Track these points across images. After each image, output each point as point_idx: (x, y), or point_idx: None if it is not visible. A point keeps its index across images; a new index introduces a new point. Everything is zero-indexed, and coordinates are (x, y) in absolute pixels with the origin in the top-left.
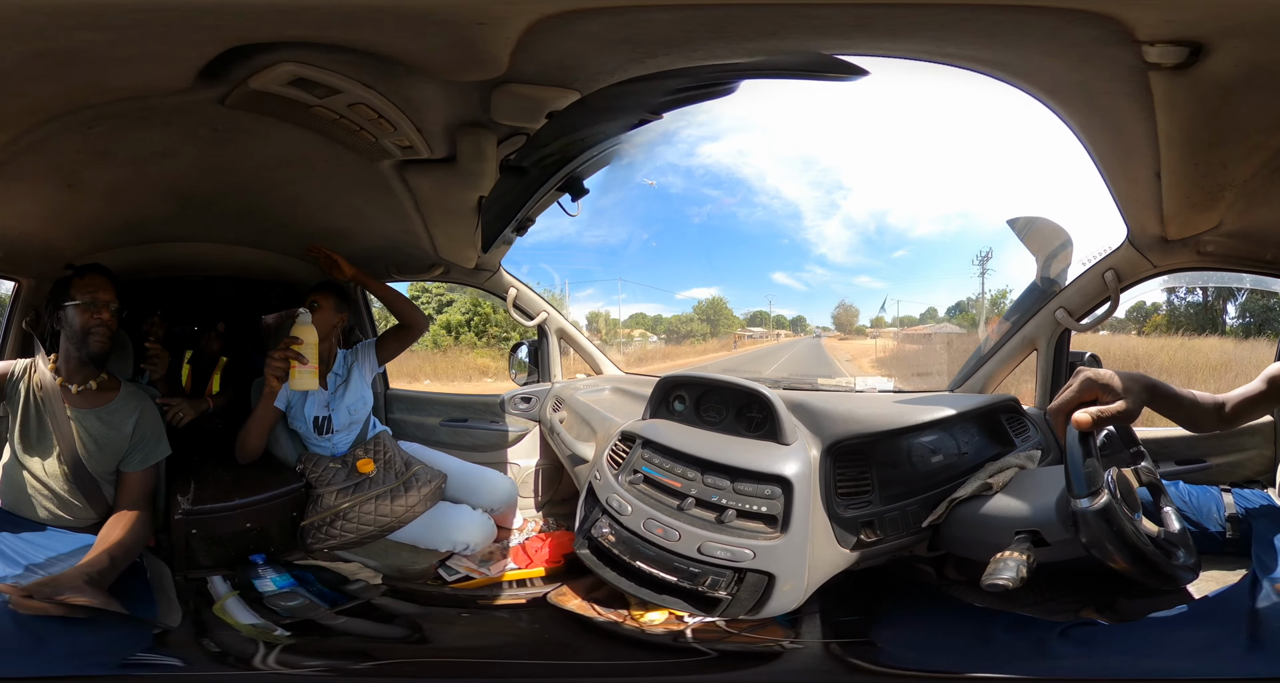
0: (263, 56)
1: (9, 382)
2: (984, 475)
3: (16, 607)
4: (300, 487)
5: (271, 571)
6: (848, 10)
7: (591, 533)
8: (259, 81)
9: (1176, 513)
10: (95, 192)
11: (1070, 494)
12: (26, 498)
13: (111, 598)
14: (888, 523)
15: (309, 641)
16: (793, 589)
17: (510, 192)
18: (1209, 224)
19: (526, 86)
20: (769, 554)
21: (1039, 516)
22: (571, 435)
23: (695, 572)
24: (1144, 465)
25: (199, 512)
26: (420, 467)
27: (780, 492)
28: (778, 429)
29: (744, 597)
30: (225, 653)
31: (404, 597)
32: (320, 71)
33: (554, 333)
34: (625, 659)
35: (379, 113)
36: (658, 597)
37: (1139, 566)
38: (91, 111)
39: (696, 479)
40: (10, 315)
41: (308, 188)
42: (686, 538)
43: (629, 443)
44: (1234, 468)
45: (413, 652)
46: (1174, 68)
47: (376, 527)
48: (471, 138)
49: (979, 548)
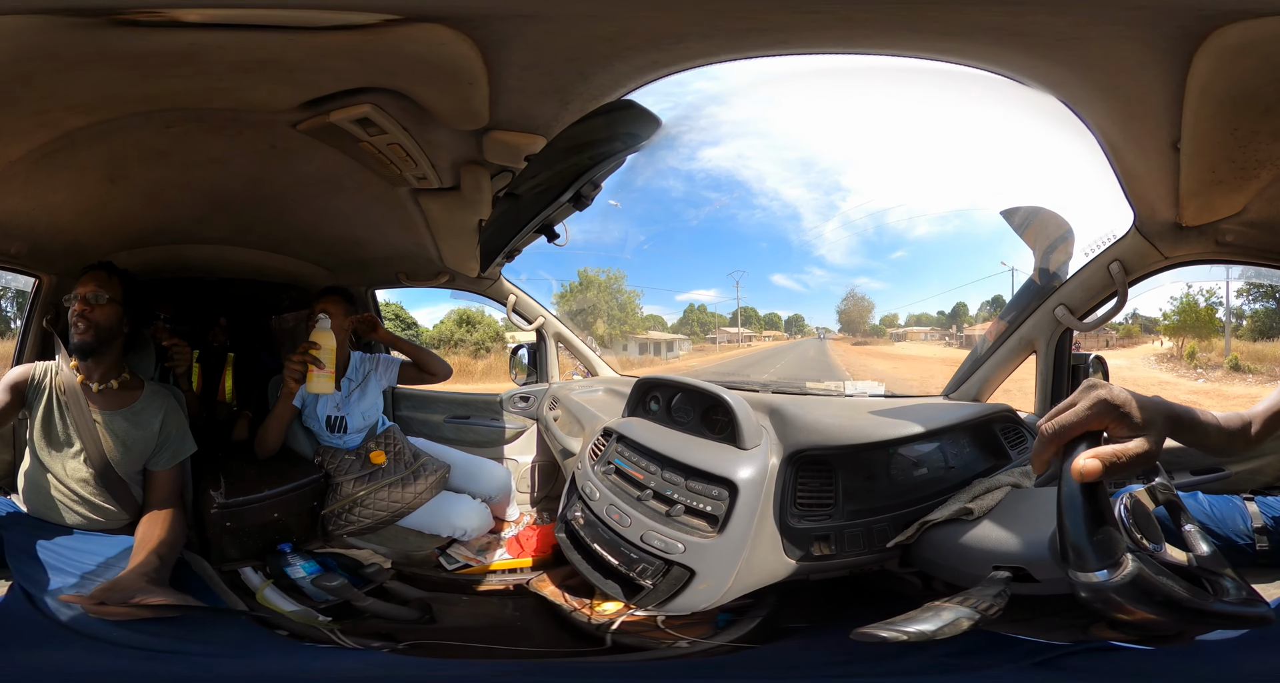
0: (354, 96)
1: (30, 385)
2: (966, 498)
3: (96, 614)
4: (320, 477)
5: (299, 558)
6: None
7: (567, 516)
8: (339, 116)
9: (1201, 531)
10: (135, 190)
11: (1073, 568)
12: (54, 503)
13: (185, 594)
14: (846, 539)
15: (351, 623)
16: (709, 589)
17: (504, 219)
18: (1232, 209)
19: (505, 133)
20: (698, 551)
21: (1027, 550)
22: (563, 432)
23: (633, 558)
24: (1159, 482)
25: (233, 504)
26: (427, 458)
27: (726, 494)
28: (736, 433)
29: (663, 588)
30: (298, 635)
31: (410, 581)
32: (384, 115)
33: (551, 337)
34: (564, 647)
35: (407, 151)
36: (603, 582)
37: (1185, 617)
38: (182, 112)
39: (657, 473)
40: (30, 313)
41: (334, 203)
42: (635, 525)
43: (607, 437)
44: (1254, 475)
45: (428, 632)
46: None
47: (389, 512)
48: (471, 173)
49: (952, 575)
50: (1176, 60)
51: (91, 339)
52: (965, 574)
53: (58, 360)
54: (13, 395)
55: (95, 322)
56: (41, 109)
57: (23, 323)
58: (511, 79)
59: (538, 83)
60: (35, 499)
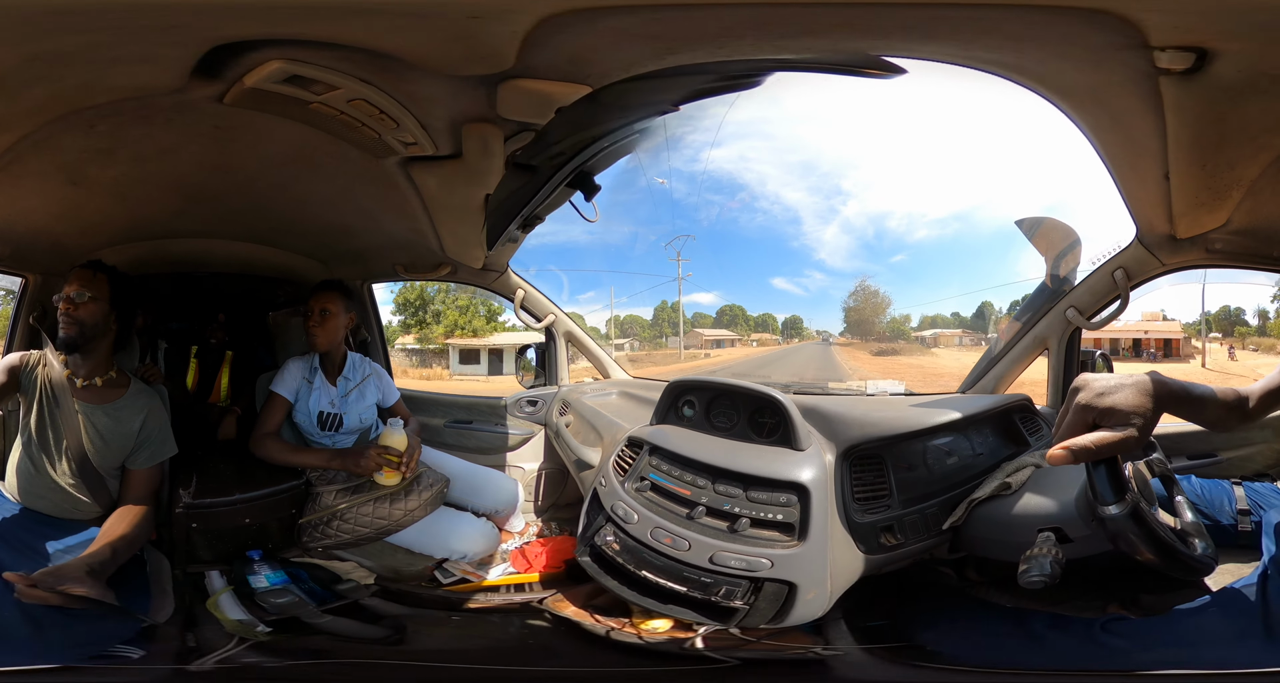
0: (253, 55)
1: (24, 371)
2: (1002, 475)
3: (21, 596)
4: (300, 484)
5: (267, 567)
6: (872, 10)
7: (594, 541)
8: (253, 79)
9: (1190, 505)
10: (100, 189)
11: (1095, 501)
12: (38, 491)
13: (108, 590)
14: (908, 527)
15: (286, 638)
16: (817, 597)
17: (517, 188)
18: (1217, 222)
19: (535, 82)
20: (788, 563)
21: (1061, 512)
22: (577, 440)
23: (707, 582)
24: (1156, 457)
25: (200, 506)
26: (424, 469)
27: (796, 499)
28: (792, 435)
29: (763, 606)
30: (201, 648)
31: (394, 598)
32: (312, 68)
33: (561, 336)
34: (622, 667)
35: (379, 108)
36: (663, 607)
37: (1166, 559)
38: (92, 112)
39: (707, 487)
40: (17, 311)
41: (314, 185)
42: (697, 548)
43: (636, 449)
44: (1245, 462)
45: (386, 653)
46: (1183, 73)
47: (373, 530)
48: (477, 134)
49: (1002, 548)
50: (1160, 115)
51: (75, 335)
52: (1013, 545)
53: (46, 352)
54: (8, 377)
55: (79, 319)
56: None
57: (10, 320)
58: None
59: (645, 26)
60: (22, 487)
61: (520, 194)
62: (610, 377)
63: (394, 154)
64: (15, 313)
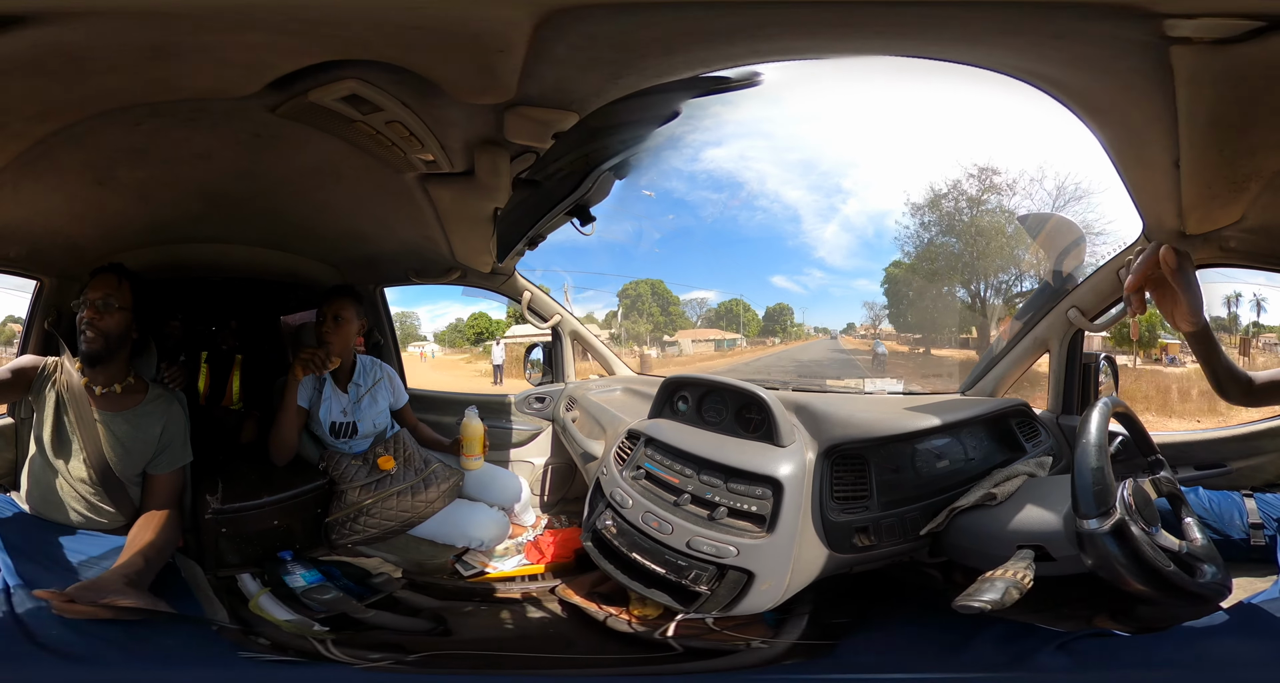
0: (332, 71)
1: (38, 377)
2: (989, 484)
3: (61, 612)
4: (324, 484)
5: (300, 566)
6: (847, 9)
7: (596, 525)
8: (319, 94)
9: (1199, 524)
10: (124, 190)
11: (1076, 513)
12: (56, 500)
13: (157, 599)
14: (884, 529)
15: (349, 635)
16: (770, 589)
17: (523, 206)
18: (1230, 218)
19: (533, 109)
20: (752, 553)
21: (1045, 530)
22: (583, 434)
23: (682, 565)
24: (1163, 475)
25: (229, 511)
26: (438, 464)
27: (770, 492)
28: (774, 431)
29: (722, 593)
30: (281, 646)
31: (422, 590)
32: (374, 90)
33: (567, 335)
34: (611, 654)
35: (410, 130)
36: (647, 590)
37: (1159, 588)
38: (145, 109)
39: (693, 476)
40: (31, 315)
41: (334, 194)
42: (678, 532)
43: (634, 440)
44: (1255, 472)
45: (441, 644)
46: (1211, 43)
47: (398, 522)
48: (488, 155)
49: (979, 559)
50: (1169, 91)
51: (100, 348)
52: (991, 557)
53: (63, 359)
54: (17, 378)
55: (104, 330)
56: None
57: (24, 324)
58: (560, 50)
59: (591, 55)
60: (38, 495)
61: (526, 207)
62: (615, 374)
63: (413, 169)
64: (29, 317)
